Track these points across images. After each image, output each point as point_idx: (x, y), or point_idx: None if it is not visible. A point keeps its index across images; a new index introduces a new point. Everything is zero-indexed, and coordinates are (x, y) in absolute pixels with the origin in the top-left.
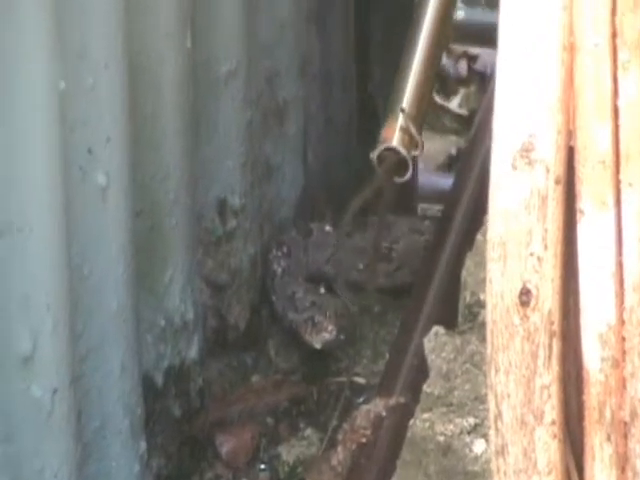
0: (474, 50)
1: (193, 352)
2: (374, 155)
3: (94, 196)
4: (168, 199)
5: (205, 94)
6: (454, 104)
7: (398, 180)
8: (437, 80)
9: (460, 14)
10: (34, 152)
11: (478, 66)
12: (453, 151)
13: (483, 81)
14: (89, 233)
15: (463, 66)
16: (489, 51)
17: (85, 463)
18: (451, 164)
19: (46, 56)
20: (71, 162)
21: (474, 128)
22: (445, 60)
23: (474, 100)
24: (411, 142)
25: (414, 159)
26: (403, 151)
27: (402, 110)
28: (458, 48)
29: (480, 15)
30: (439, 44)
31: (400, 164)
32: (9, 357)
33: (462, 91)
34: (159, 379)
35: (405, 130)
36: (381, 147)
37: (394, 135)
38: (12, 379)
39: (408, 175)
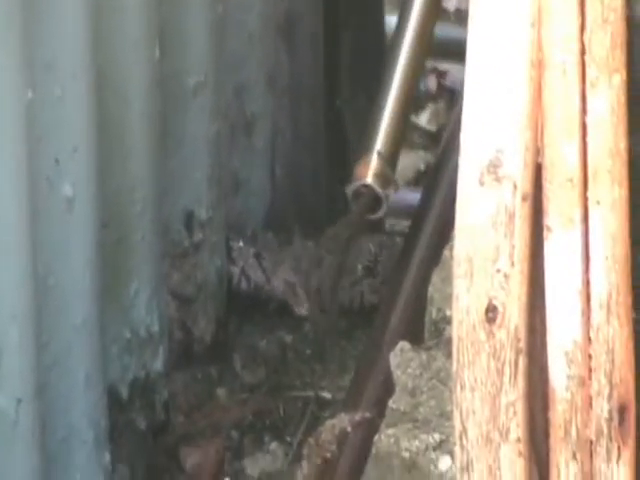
0: (443, 66)
1: (158, 364)
2: (349, 191)
3: (60, 207)
4: (135, 211)
5: (173, 106)
6: (423, 120)
7: (371, 217)
8: None
9: None
10: (1, 161)
11: (447, 82)
12: (422, 167)
13: (452, 97)
14: (55, 244)
15: (432, 82)
16: (458, 67)
17: (49, 474)
18: (419, 180)
19: (14, 65)
20: (38, 172)
21: (442, 144)
22: None
23: (443, 116)
24: (386, 180)
25: (387, 197)
26: (378, 189)
27: (379, 153)
28: (427, 63)
29: (450, 31)
30: (416, 77)
31: (374, 201)
32: None
33: (431, 107)
34: (124, 391)
35: (380, 169)
36: (356, 184)
37: (368, 172)
38: None
39: (382, 213)
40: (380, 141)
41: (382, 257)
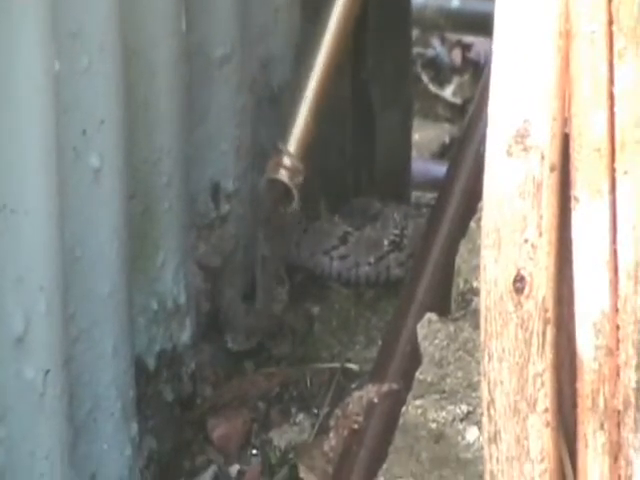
0: (468, 39)
1: (185, 336)
2: (260, 187)
3: (87, 178)
4: (161, 182)
5: (199, 78)
6: (448, 93)
7: (286, 210)
8: (431, 68)
9: (454, 3)
10: (28, 133)
11: (472, 55)
12: (447, 139)
13: (477, 70)
14: (82, 215)
15: (457, 54)
16: (483, 40)
17: (76, 445)
18: (445, 152)
19: (41, 36)
20: (65, 143)
21: (468, 116)
22: (439, 48)
23: (468, 89)
24: (295, 172)
25: (298, 188)
26: (287, 182)
27: (282, 149)
28: (452, 37)
29: (474, 4)
30: (333, 70)
31: (287, 193)
32: (1, 338)
33: (456, 80)
34: (151, 362)
35: (290, 164)
36: (265, 179)
37: (279, 167)
38: (4, 360)
39: (294, 205)
40: (288, 138)
41: (408, 230)
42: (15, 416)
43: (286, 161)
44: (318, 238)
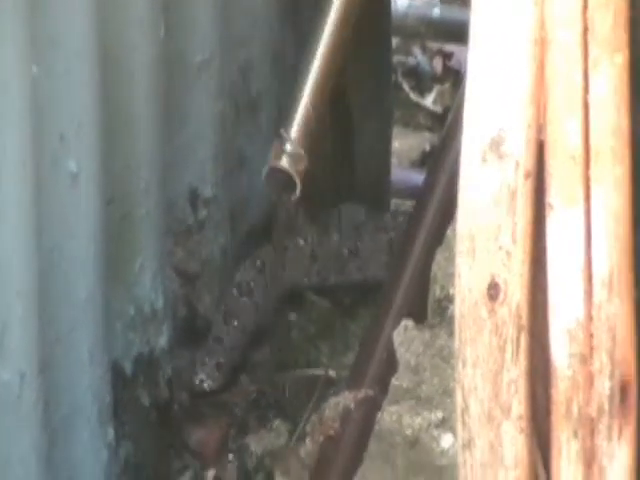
0: (449, 47)
1: (162, 341)
2: (263, 177)
3: (65, 183)
4: (139, 188)
5: (178, 84)
6: (428, 101)
7: (289, 197)
8: (412, 77)
9: (435, 11)
10: (5, 137)
11: (453, 63)
12: (427, 148)
13: (458, 78)
14: (59, 220)
15: (438, 63)
16: (464, 48)
17: (52, 449)
18: (425, 161)
19: (19, 41)
20: (42, 148)
21: (447, 124)
22: (420, 57)
23: (449, 97)
24: (298, 159)
25: (301, 174)
26: (288, 169)
27: (284, 136)
28: (433, 45)
29: (455, 12)
30: (338, 54)
31: (290, 182)
32: None
33: (437, 88)
34: (128, 367)
35: (292, 152)
36: (267, 168)
37: (282, 154)
38: None
39: (297, 192)
40: (291, 125)
41: (364, 239)
42: None
43: (288, 148)
44: (296, 259)
